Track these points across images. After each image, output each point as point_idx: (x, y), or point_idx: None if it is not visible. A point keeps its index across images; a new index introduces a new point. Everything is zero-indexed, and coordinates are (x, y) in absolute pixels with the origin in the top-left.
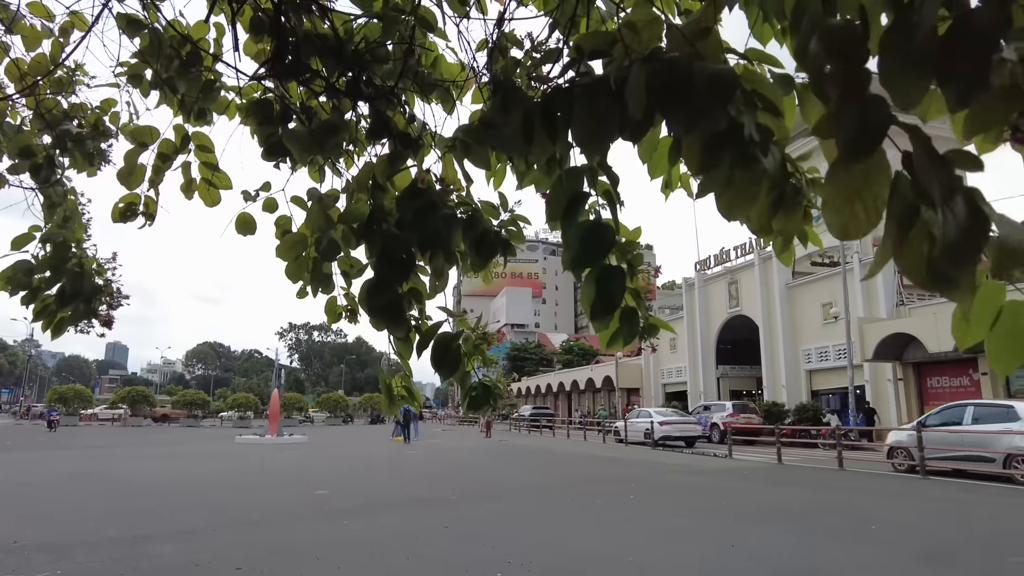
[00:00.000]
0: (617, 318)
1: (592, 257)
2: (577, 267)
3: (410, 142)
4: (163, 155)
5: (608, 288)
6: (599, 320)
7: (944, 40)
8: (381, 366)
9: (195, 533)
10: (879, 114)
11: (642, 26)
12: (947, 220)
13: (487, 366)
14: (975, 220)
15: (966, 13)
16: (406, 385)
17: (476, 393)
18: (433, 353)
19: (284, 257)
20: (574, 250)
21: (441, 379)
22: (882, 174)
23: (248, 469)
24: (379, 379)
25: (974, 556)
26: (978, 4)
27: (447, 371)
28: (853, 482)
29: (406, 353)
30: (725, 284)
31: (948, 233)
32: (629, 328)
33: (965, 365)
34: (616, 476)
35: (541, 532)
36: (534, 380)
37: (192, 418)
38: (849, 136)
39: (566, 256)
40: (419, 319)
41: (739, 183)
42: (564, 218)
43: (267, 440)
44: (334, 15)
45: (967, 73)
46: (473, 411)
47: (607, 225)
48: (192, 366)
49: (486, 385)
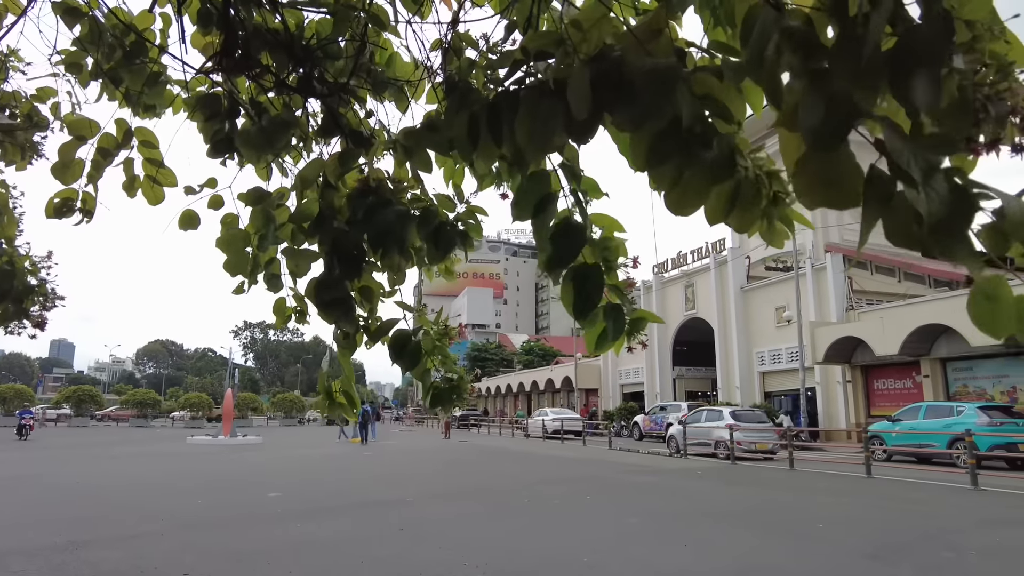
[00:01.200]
0: (601, 316)
1: (565, 258)
2: (552, 270)
3: (362, 140)
4: (104, 150)
5: (584, 288)
6: (582, 319)
7: (895, 53)
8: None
9: (140, 538)
10: (845, 106)
11: (588, 25)
12: (931, 197)
13: (447, 364)
14: (959, 196)
15: (912, 28)
16: (345, 390)
17: (439, 389)
18: (391, 345)
19: (224, 250)
20: (547, 253)
21: (402, 372)
22: (853, 167)
23: (198, 471)
24: (318, 382)
25: (915, 553)
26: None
27: (407, 363)
28: (803, 481)
29: (347, 355)
30: (682, 287)
31: (934, 210)
32: (615, 325)
33: (909, 368)
34: (573, 476)
35: (497, 533)
36: (494, 380)
37: (141, 418)
38: (815, 127)
39: (540, 259)
40: (368, 318)
41: (686, 180)
42: (534, 220)
43: (220, 441)
44: (285, 10)
45: (923, 86)
46: (436, 407)
47: (577, 225)
48: (143, 364)
49: (450, 379)
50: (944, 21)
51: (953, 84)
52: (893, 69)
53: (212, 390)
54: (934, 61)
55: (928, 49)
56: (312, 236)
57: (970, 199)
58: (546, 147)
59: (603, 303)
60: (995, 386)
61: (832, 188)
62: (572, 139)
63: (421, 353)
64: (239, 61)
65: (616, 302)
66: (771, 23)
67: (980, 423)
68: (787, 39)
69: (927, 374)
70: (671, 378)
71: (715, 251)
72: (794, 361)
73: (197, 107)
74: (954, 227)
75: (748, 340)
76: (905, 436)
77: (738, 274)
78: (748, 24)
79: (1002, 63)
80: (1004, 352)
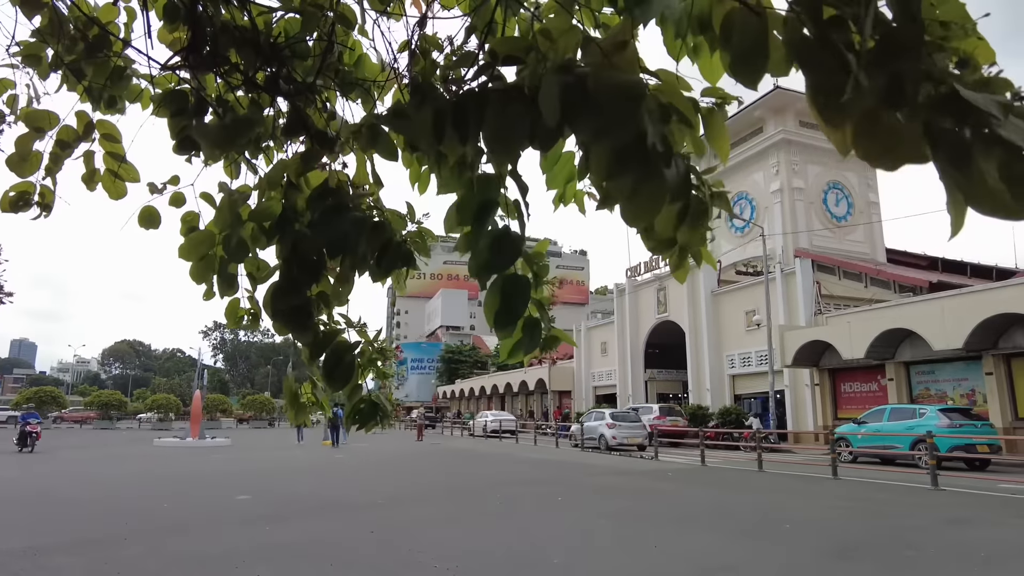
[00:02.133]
0: (520, 328)
1: (498, 265)
2: (483, 275)
3: (327, 140)
4: (63, 143)
5: (511, 297)
6: (502, 329)
7: (875, 55)
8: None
9: (102, 543)
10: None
11: (557, 34)
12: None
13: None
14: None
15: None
16: (315, 393)
17: (363, 408)
18: (325, 363)
19: (187, 257)
20: (481, 257)
21: (330, 391)
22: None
23: (165, 473)
24: (283, 386)
25: (877, 552)
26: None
27: (338, 383)
28: (771, 483)
29: (313, 360)
30: (654, 290)
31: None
32: (531, 338)
33: (874, 371)
34: (545, 478)
35: (469, 535)
36: (468, 383)
37: (107, 420)
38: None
39: (472, 263)
40: (327, 324)
41: (643, 193)
42: (474, 225)
43: (188, 443)
44: (253, 7)
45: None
46: (359, 426)
47: (515, 234)
48: (109, 365)
49: (373, 402)
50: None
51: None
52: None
53: (180, 391)
54: (910, 61)
55: (904, 50)
56: (273, 237)
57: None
58: (513, 151)
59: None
60: (955, 389)
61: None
62: (535, 147)
63: (354, 371)
64: (206, 58)
65: (536, 316)
66: (755, 24)
67: (941, 425)
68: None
69: (891, 377)
70: (643, 380)
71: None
72: (763, 364)
73: (163, 103)
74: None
75: (718, 343)
76: (870, 438)
77: (709, 278)
78: (728, 25)
79: (974, 62)
80: (964, 356)
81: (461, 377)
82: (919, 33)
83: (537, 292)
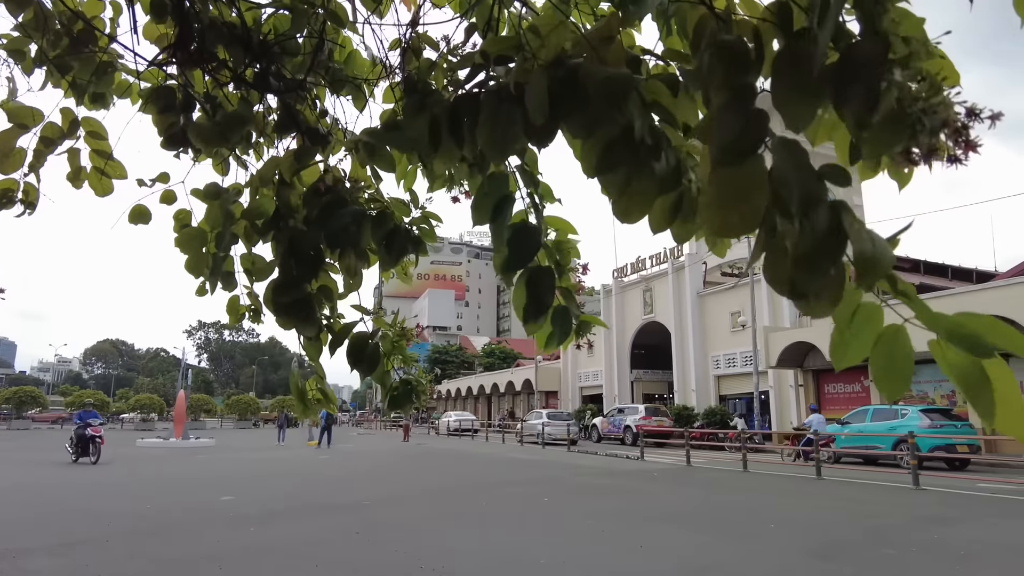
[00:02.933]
0: (549, 319)
1: (520, 261)
2: (507, 271)
3: (319, 137)
4: (47, 139)
5: (537, 290)
6: (531, 322)
7: (838, 67)
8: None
9: (83, 544)
10: (758, 126)
11: (546, 31)
12: (804, 231)
13: (407, 364)
14: (831, 232)
15: (854, 43)
16: (321, 388)
17: (397, 392)
18: (349, 351)
19: (184, 249)
20: (503, 255)
21: (360, 377)
22: (761, 185)
23: (148, 474)
24: (290, 382)
25: (860, 551)
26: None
27: (366, 369)
28: (756, 483)
29: (315, 354)
30: (640, 291)
31: (803, 244)
32: (562, 327)
33: (857, 372)
34: (530, 478)
35: (454, 536)
36: (455, 383)
37: None
38: (725, 142)
39: (497, 260)
40: (331, 318)
41: (634, 188)
42: (492, 222)
43: (171, 443)
44: (242, 3)
45: (861, 98)
46: (395, 410)
47: (533, 227)
48: (91, 365)
49: (407, 382)
50: (883, 38)
51: (892, 96)
52: (836, 82)
53: (164, 391)
54: (874, 75)
55: (868, 63)
56: (266, 234)
57: (839, 237)
58: (507, 151)
59: (554, 305)
60: (936, 390)
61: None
62: (532, 143)
63: (379, 357)
64: (194, 54)
65: (564, 305)
66: (713, 34)
67: (922, 425)
68: (718, 51)
69: None
70: (629, 381)
71: (673, 257)
72: (748, 365)
73: (151, 99)
74: (815, 264)
75: (704, 344)
76: (854, 438)
77: (695, 279)
78: (698, 33)
79: (934, 80)
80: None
81: (448, 377)
82: (885, 47)
83: (563, 280)
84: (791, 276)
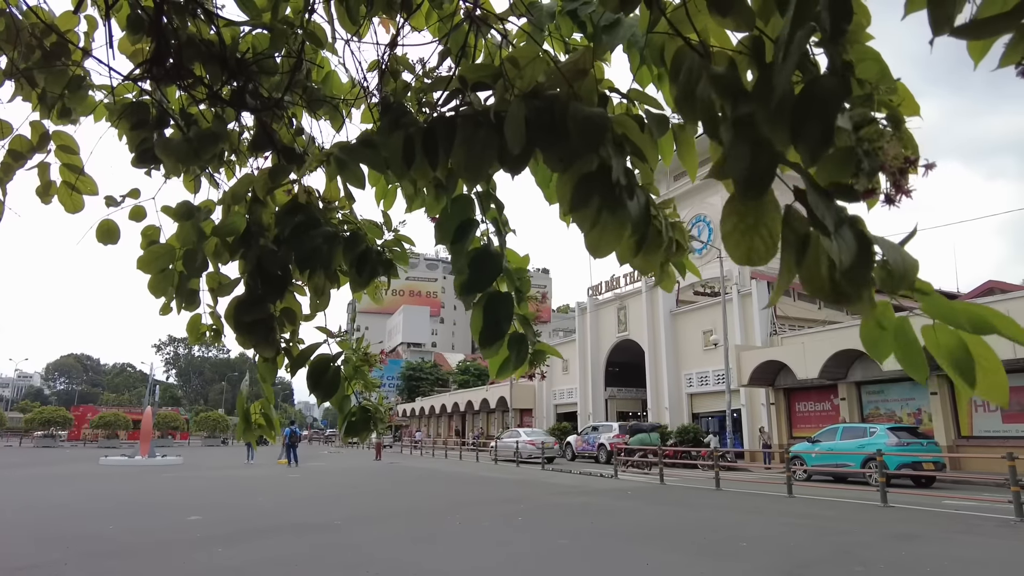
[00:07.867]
0: (506, 345)
1: (480, 283)
2: (466, 294)
3: (294, 156)
4: (15, 152)
5: (495, 315)
6: (488, 347)
7: (797, 102)
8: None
9: (39, 568)
10: (768, 154)
11: (524, 62)
12: (841, 246)
13: (368, 390)
14: (863, 244)
15: (813, 79)
16: (265, 412)
17: (355, 418)
18: (310, 374)
19: (146, 270)
20: (463, 276)
21: (318, 402)
22: (774, 209)
23: (111, 493)
24: (236, 403)
25: (829, 568)
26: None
27: (324, 394)
28: (729, 501)
29: (270, 376)
30: (615, 309)
31: (844, 257)
32: (518, 354)
33: (827, 391)
34: (504, 497)
35: (428, 556)
36: (428, 400)
37: (49, 437)
38: (743, 176)
39: (456, 282)
40: (291, 341)
41: (605, 224)
42: (454, 244)
43: (137, 461)
44: (220, 21)
45: (816, 134)
46: (352, 436)
47: (495, 252)
48: (53, 380)
49: (365, 408)
50: (842, 74)
51: (844, 136)
52: (795, 115)
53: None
54: (830, 111)
55: (826, 99)
56: (236, 252)
57: (871, 248)
58: (480, 175)
59: (510, 331)
60: (903, 408)
61: (756, 238)
62: (506, 170)
63: (340, 381)
64: (170, 70)
65: (521, 332)
66: (698, 65)
67: (890, 443)
68: (715, 84)
69: (844, 397)
70: (603, 399)
71: (646, 276)
72: (721, 383)
73: (123, 115)
74: (859, 275)
75: (677, 362)
76: (824, 456)
77: (668, 298)
78: (677, 62)
79: (895, 115)
80: (910, 377)
81: (422, 395)
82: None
83: (521, 308)
84: (831, 286)
